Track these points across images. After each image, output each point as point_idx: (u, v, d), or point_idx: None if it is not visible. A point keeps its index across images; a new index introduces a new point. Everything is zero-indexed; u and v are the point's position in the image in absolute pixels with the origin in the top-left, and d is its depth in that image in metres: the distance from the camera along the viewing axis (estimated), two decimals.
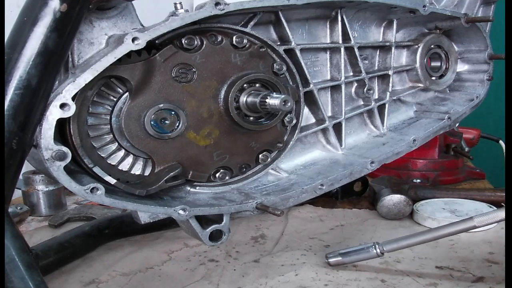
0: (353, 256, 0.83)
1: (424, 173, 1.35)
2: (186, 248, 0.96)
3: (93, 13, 0.66)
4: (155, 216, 0.72)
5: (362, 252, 0.82)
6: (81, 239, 0.94)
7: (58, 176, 0.61)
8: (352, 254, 0.83)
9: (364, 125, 0.96)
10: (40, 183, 1.22)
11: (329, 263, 0.84)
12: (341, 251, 0.84)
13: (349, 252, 0.83)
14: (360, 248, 0.83)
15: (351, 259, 0.83)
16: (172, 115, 0.70)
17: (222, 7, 0.68)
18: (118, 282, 0.83)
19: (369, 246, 0.82)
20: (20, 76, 0.58)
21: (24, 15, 0.59)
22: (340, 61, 0.88)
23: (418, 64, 1.00)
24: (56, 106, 0.60)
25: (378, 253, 0.81)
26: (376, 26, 0.96)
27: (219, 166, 0.77)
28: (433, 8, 0.92)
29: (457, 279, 0.79)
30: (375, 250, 0.81)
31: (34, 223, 1.18)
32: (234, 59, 0.74)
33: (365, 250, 0.82)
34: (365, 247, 0.82)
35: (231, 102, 0.73)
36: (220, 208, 0.73)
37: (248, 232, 1.04)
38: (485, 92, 1.07)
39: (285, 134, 0.83)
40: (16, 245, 0.59)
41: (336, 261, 0.84)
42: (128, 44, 0.62)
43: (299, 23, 0.84)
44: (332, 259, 0.84)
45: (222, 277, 0.83)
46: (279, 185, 0.82)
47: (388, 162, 0.89)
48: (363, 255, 0.82)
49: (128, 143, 0.70)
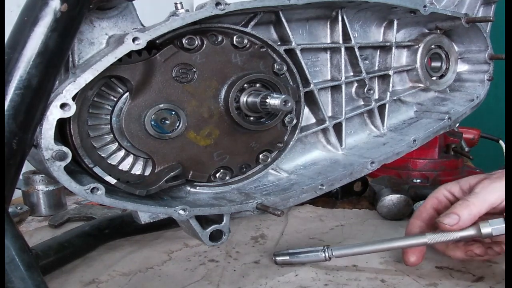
0: (302, 257, 0.84)
1: (424, 173, 1.35)
2: (186, 248, 0.96)
3: (94, 13, 0.66)
4: (155, 216, 0.72)
5: (311, 255, 0.83)
6: (81, 239, 0.94)
7: (58, 176, 0.61)
8: (301, 256, 0.84)
9: (364, 125, 0.96)
10: (40, 183, 1.22)
11: (276, 262, 0.86)
12: (290, 251, 0.86)
13: (298, 253, 0.85)
14: (309, 250, 0.84)
15: (299, 260, 0.84)
16: (172, 115, 0.70)
17: (222, 7, 0.68)
18: (118, 282, 0.83)
19: (319, 249, 0.83)
20: (21, 76, 0.58)
21: (24, 15, 0.59)
22: (341, 61, 0.88)
23: (418, 64, 1.00)
24: (56, 106, 0.60)
25: (326, 257, 0.82)
26: (376, 26, 0.96)
27: (219, 166, 0.77)
28: (433, 8, 0.92)
29: (457, 279, 0.79)
30: (323, 254, 0.82)
31: (34, 223, 1.18)
32: (234, 59, 0.74)
33: (313, 252, 0.83)
34: (315, 249, 0.83)
35: (231, 102, 0.73)
36: (220, 208, 0.73)
37: (248, 232, 1.04)
38: (485, 92, 1.07)
39: (285, 134, 0.83)
40: (16, 245, 0.59)
41: (282, 260, 0.85)
42: (128, 44, 0.62)
43: (299, 23, 0.84)
44: (279, 257, 0.85)
45: (222, 277, 0.83)
46: (279, 185, 0.82)
47: (388, 162, 0.89)
48: (311, 257, 0.83)
49: (128, 143, 0.70)
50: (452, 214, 0.73)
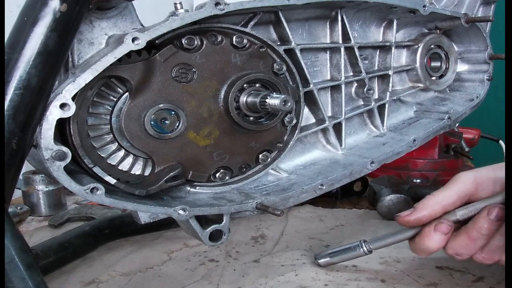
0: (343, 255, 0.83)
1: (424, 173, 1.35)
2: (186, 248, 0.96)
3: (93, 13, 0.66)
4: (155, 216, 0.72)
5: (351, 252, 0.82)
6: (81, 239, 0.94)
7: (58, 176, 0.61)
8: (342, 254, 0.83)
9: (364, 125, 0.96)
10: (40, 183, 1.22)
11: (319, 264, 0.85)
12: (329, 251, 0.85)
13: (338, 252, 0.84)
14: (348, 248, 0.83)
15: (340, 258, 0.84)
16: (172, 115, 0.70)
17: (222, 7, 0.68)
18: (118, 282, 0.83)
19: (356, 245, 0.81)
20: (20, 76, 0.58)
21: (24, 15, 0.59)
22: (340, 61, 0.88)
23: (418, 64, 1.00)
24: (56, 106, 0.60)
25: (366, 251, 0.81)
26: (376, 26, 0.96)
27: (219, 166, 0.77)
28: (433, 8, 0.92)
29: (457, 279, 0.79)
30: (362, 249, 0.81)
31: (34, 223, 1.18)
32: (234, 59, 0.74)
33: (352, 249, 0.82)
34: (352, 246, 0.82)
35: (231, 102, 0.73)
36: (220, 208, 0.73)
37: (248, 232, 1.04)
38: (485, 92, 1.07)
39: (285, 134, 0.83)
40: (16, 245, 0.59)
41: (326, 262, 0.84)
42: (128, 44, 0.62)
43: (299, 23, 0.84)
44: (321, 260, 0.85)
45: (222, 277, 0.83)
46: (279, 185, 0.82)
47: (388, 162, 0.89)
48: (352, 254, 0.82)
49: (128, 143, 0.70)
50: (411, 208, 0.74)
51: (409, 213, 0.74)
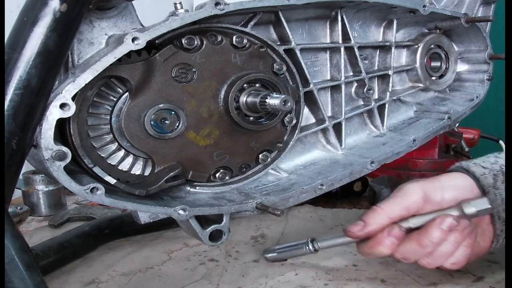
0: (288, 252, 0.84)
1: (424, 173, 1.34)
2: (186, 248, 0.96)
3: (93, 13, 0.66)
4: (155, 216, 0.72)
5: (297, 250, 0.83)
6: (81, 239, 0.94)
7: (58, 176, 0.61)
8: (288, 250, 0.84)
9: (364, 125, 0.96)
10: (40, 183, 1.22)
11: (266, 259, 0.86)
12: (276, 247, 0.86)
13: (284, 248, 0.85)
14: (295, 245, 0.83)
15: (286, 255, 0.85)
16: (172, 115, 0.70)
17: (222, 7, 0.68)
18: (118, 282, 0.83)
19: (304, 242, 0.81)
20: (20, 76, 0.58)
21: (24, 15, 0.59)
22: (340, 61, 0.88)
23: (418, 64, 1.00)
24: (56, 106, 0.60)
25: (311, 249, 0.80)
26: (376, 26, 0.96)
27: (219, 166, 0.77)
28: (433, 8, 0.92)
29: (457, 279, 0.79)
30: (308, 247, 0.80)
31: (34, 223, 1.18)
32: (234, 59, 0.74)
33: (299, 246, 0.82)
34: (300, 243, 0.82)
35: (231, 102, 0.73)
36: (220, 208, 0.73)
37: (248, 231, 1.04)
38: (485, 92, 1.07)
39: (285, 134, 0.83)
40: (16, 245, 0.59)
41: (272, 257, 0.86)
42: (128, 44, 0.62)
43: (299, 23, 0.84)
44: (268, 254, 0.86)
45: (222, 277, 0.83)
46: (279, 185, 0.82)
47: (388, 162, 0.89)
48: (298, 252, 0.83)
49: (128, 143, 0.70)
50: (359, 221, 0.74)
51: (360, 228, 0.74)
